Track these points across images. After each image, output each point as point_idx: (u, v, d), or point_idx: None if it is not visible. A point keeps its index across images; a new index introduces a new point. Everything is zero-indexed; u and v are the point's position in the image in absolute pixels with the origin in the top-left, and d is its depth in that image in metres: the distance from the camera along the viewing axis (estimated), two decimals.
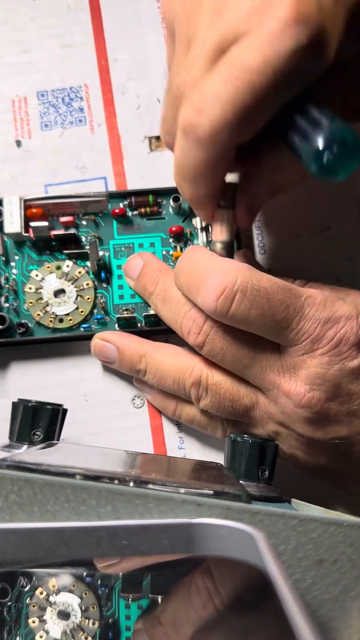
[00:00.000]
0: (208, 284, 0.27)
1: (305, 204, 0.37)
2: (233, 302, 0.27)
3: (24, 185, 0.37)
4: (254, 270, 0.28)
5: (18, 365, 0.36)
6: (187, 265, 0.30)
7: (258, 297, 0.27)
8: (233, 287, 0.27)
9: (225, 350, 0.29)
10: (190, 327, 0.30)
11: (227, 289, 0.27)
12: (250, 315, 0.27)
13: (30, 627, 0.20)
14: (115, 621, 0.20)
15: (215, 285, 0.27)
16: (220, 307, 0.27)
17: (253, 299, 0.27)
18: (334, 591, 0.19)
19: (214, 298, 0.27)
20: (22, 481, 0.20)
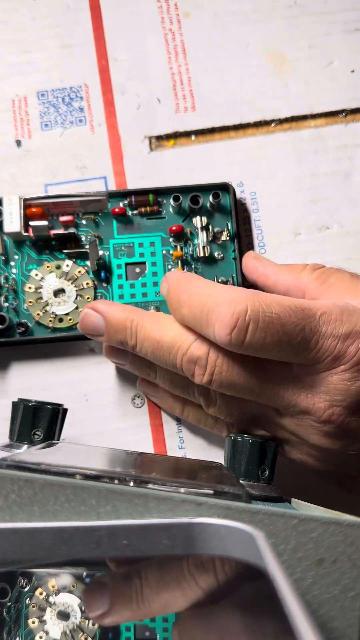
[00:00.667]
0: (218, 316, 0.26)
1: (305, 204, 0.37)
2: (247, 332, 0.26)
3: (24, 185, 0.37)
4: (261, 294, 0.27)
5: (18, 365, 0.36)
6: (189, 297, 0.28)
7: (271, 324, 0.26)
8: (245, 317, 0.26)
9: (235, 380, 0.28)
10: (193, 369, 0.29)
11: (239, 320, 0.26)
12: (266, 343, 0.26)
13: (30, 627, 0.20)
14: None
15: (226, 316, 0.26)
16: (235, 340, 0.26)
17: (266, 326, 0.26)
18: (334, 591, 0.19)
19: (227, 331, 0.26)
20: (22, 481, 0.20)
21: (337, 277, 0.30)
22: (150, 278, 0.35)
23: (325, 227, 0.37)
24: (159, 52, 0.38)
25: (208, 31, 0.38)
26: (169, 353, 0.29)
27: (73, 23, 0.38)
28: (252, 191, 0.37)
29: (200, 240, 0.35)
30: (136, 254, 0.35)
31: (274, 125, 0.37)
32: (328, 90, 0.38)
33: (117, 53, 0.38)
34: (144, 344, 0.30)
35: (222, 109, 0.37)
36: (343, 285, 0.30)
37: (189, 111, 0.38)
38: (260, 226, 0.37)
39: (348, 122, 0.37)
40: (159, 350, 0.29)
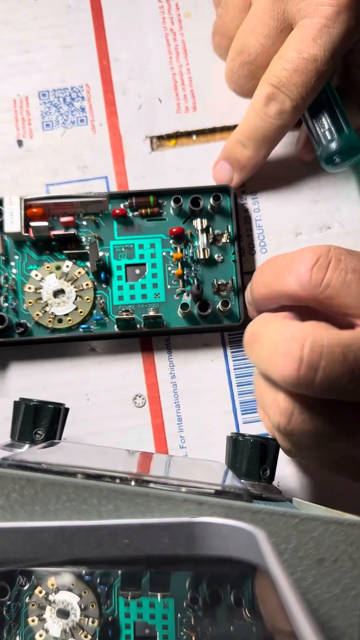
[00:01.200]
0: (279, 353, 0.24)
1: (306, 203, 0.37)
2: (327, 269, 0.25)
3: (25, 184, 0.37)
4: (322, 326, 0.25)
5: (18, 365, 0.36)
6: (265, 267, 0.29)
7: (336, 362, 0.23)
8: (326, 257, 0.26)
9: (313, 431, 0.25)
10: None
11: (320, 258, 0.26)
12: (346, 280, 0.25)
13: (29, 626, 0.20)
14: (114, 619, 0.20)
15: (306, 256, 0.26)
16: (315, 277, 0.25)
17: (347, 263, 0.25)
18: (335, 590, 0.19)
19: (308, 267, 0.26)
20: (23, 480, 0.20)
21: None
22: (150, 280, 0.35)
23: (326, 227, 0.37)
24: (160, 52, 0.38)
25: (209, 31, 0.38)
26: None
27: (74, 23, 0.38)
28: (252, 191, 0.37)
29: (200, 242, 0.35)
30: (136, 256, 0.35)
31: None
32: None
33: (118, 53, 0.38)
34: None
35: (223, 109, 0.37)
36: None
37: (190, 111, 0.38)
38: (261, 226, 0.37)
39: None
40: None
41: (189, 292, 0.35)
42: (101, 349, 0.36)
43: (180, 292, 0.35)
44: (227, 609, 0.20)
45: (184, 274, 0.35)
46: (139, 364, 0.36)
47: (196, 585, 0.21)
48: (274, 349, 0.25)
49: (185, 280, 0.35)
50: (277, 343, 0.25)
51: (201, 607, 0.20)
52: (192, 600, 0.20)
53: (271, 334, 0.26)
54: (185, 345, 0.36)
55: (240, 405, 0.35)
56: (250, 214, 0.37)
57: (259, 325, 0.28)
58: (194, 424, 0.35)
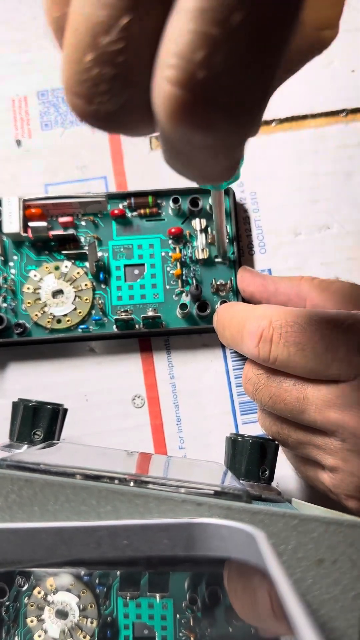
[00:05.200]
0: (247, 330, 0.27)
1: (305, 203, 0.37)
2: (272, 343, 0.26)
3: (24, 184, 0.37)
4: (286, 308, 0.27)
5: (17, 365, 0.36)
6: (229, 320, 0.30)
7: (292, 332, 0.26)
8: (269, 329, 0.26)
9: (275, 397, 0.28)
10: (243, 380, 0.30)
11: (264, 331, 0.26)
12: (291, 354, 0.26)
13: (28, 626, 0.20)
14: (113, 620, 0.20)
15: (252, 330, 0.27)
16: (262, 352, 0.27)
17: (288, 335, 0.26)
18: (334, 591, 0.19)
19: (254, 344, 0.27)
20: (22, 481, 0.20)
21: (338, 285, 0.30)
22: (149, 280, 0.35)
23: (325, 227, 0.37)
24: None
25: None
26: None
27: None
28: (252, 191, 0.37)
29: (199, 242, 0.35)
30: (135, 256, 0.35)
31: (274, 125, 0.37)
32: (328, 90, 0.38)
33: None
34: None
35: None
36: (345, 294, 0.30)
37: None
38: (261, 226, 0.37)
39: (348, 121, 0.37)
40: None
41: (188, 292, 0.35)
42: (100, 349, 0.36)
43: (179, 292, 0.35)
44: (225, 609, 0.20)
45: (182, 274, 0.35)
46: (138, 365, 0.36)
47: (195, 586, 0.21)
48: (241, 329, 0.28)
49: (184, 281, 0.35)
50: (247, 321, 0.28)
51: (200, 608, 0.20)
52: (191, 601, 0.20)
53: (242, 314, 0.29)
54: (185, 346, 0.36)
55: (239, 405, 0.35)
56: (250, 214, 0.37)
57: (232, 309, 0.31)
58: (193, 425, 0.35)
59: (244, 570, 0.18)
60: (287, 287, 0.32)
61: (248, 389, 0.30)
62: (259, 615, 0.18)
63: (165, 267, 0.35)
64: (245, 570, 0.18)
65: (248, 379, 0.29)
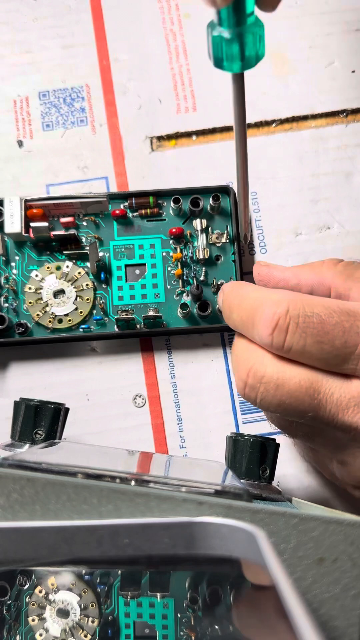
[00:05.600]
0: (261, 316, 0.26)
1: (306, 203, 0.37)
2: (287, 332, 0.25)
3: (25, 185, 0.37)
4: (305, 296, 0.26)
5: (18, 365, 0.36)
6: (238, 302, 0.28)
7: (311, 323, 0.25)
8: (286, 317, 0.25)
9: (283, 394, 0.26)
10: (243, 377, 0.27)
11: (280, 320, 0.25)
12: (307, 345, 0.25)
13: (30, 625, 0.20)
14: (114, 619, 0.20)
15: (268, 317, 0.26)
16: (277, 340, 0.25)
17: (307, 326, 0.25)
18: (335, 590, 0.19)
19: (269, 332, 0.25)
20: (24, 480, 0.20)
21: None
22: (150, 280, 0.35)
23: (326, 227, 0.37)
24: (160, 52, 0.38)
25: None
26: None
27: (74, 23, 0.38)
28: (252, 191, 0.37)
29: (200, 242, 0.35)
30: (136, 256, 0.35)
31: (274, 125, 0.38)
32: (328, 91, 0.38)
33: (119, 53, 0.38)
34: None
35: (223, 109, 0.37)
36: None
37: (190, 111, 0.38)
38: (261, 226, 0.37)
39: (349, 122, 0.37)
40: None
41: (188, 292, 0.35)
42: (101, 349, 0.36)
43: (180, 292, 0.35)
44: (226, 609, 0.20)
45: (183, 274, 0.35)
46: (138, 364, 0.36)
47: (196, 585, 0.21)
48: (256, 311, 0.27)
49: (185, 281, 0.35)
50: (261, 306, 0.26)
51: (201, 607, 0.20)
52: (192, 600, 0.20)
53: (254, 297, 0.27)
54: (185, 346, 0.36)
55: (240, 405, 0.35)
56: (250, 214, 0.37)
57: (242, 290, 0.29)
58: (194, 424, 0.35)
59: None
60: (309, 277, 0.30)
61: (252, 394, 0.27)
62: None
63: (166, 267, 0.35)
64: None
65: (257, 378, 0.26)
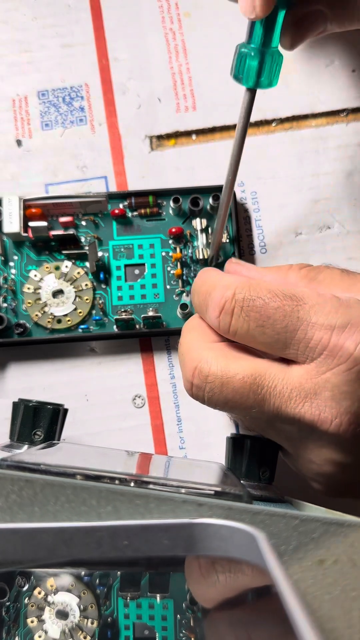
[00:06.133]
0: (212, 299, 0.27)
1: (306, 203, 0.37)
2: (232, 315, 0.26)
3: (24, 184, 0.37)
4: (254, 281, 0.26)
5: (17, 365, 0.36)
6: (200, 285, 0.29)
7: (255, 307, 0.25)
8: (232, 301, 0.26)
9: (228, 392, 0.26)
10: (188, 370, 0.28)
11: (226, 303, 0.26)
12: (250, 329, 0.25)
13: (29, 626, 0.20)
14: (114, 620, 0.20)
15: (216, 299, 0.26)
16: (223, 323, 0.26)
17: (250, 310, 0.25)
18: (335, 591, 0.19)
19: (216, 314, 0.26)
20: (22, 481, 0.19)
21: (327, 273, 0.28)
22: (150, 280, 0.35)
23: (326, 227, 0.37)
24: (159, 51, 0.38)
25: (209, 30, 0.38)
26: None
27: (74, 23, 0.38)
28: (252, 191, 0.37)
29: (199, 242, 0.35)
30: (135, 256, 0.35)
31: (274, 124, 0.37)
32: (329, 90, 0.38)
33: (118, 52, 0.38)
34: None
35: (223, 109, 0.37)
36: (333, 282, 0.28)
37: (189, 111, 0.37)
38: (261, 226, 0.37)
39: (349, 121, 0.37)
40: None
41: (188, 292, 0.35)
42: (100, 349, 0.36)
43: (179, 292, 0.35)
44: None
45: (183, 274, 0.35)
46: (138, 365, 0.36)
47: None
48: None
49: (185, 281, 0.35)
50: (213, 289, 0.27)
51: (200, 609, 0.20)
52: (192, 601, 0.20)
53: (211, 281, 0.28)
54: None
55: None
56: (250, 214, 0.37)
57: (206, 274, 0.30)
58: (194, 425, 0.35)
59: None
60: (274, 278, 0.30)
61: (199, 394, 0.27)
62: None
63: (165, 267, 0.35)
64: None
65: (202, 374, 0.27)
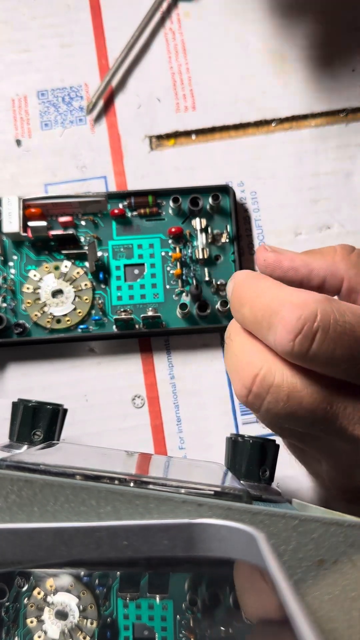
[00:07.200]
0: (282, 318, 0.23)
1: (306, 203, 0.37)
2: (314, 341, 0.22)
3: (24, 184, 0.37)
4: (335, 301, 0.23)
5: (17, 365, 0.36)
6: (253, 296, 0.25)
7: (344, 334, 0.22)
8: (313, 324, 0.22)
9: (293, 405, 0.23)
10: (245, 379, 0.24)
11: (306, 326, 0.22)
12: (335, 357, 0.22)
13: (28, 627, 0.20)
14: (113, 620, 0.20)
15: (291, 320, 0.22)
16: (299, 348, 0.22)
17: (338, 337, 0.22)
18: (335, 592, 0.19)
19: (290, 337, 0.22)
20: (22, 481, 0.19)
21: None
22: (149, 280, 0.35)
23: (326, 227, 0.37)
24: (159, 51, 0.38)
25: (208, 30, 0.38)
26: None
27: (73, 22, 0.38)
28: (252, 191, 0.37)
29: (199, 242, 0.35)
30: (135, 256, 0.35)
31: (274, 124, 0.37)
32: (328, 90, 0.38)
33: (118, 52, 0.38)
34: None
35: (223, 109, 0.37)
36: None
37: (189, 110, 0.37)
38: (261, 226, 0.37)
39: (348, 121, 0.37)
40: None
41: (188, 292, 0.35)
42: (100, 349, 0.36)
43: (179, 292, 0.35)
44: (226, 610, 0.20)
45: (182, 274, 0.35)
46: (137, 365, 0.36)
47: (195, 586, 0.21)
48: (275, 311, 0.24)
49: (184, 280, 0.35)
50: (282, 306, 0.23)
51: (200, 609, 0.20)
52: (191, 602, 0.20)
53: (273, 293, 0.24)
54: (185, 346, 0.36)
55: (239, 406, 0.35)
56: (250, 214, 0.37)
57: (258, 282, 0.26)
58: (193, 425, 0.35)
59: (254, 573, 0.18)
60: (322, 267, 0.27)
61: (256, 403, 0.24)
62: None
63: (165, 267, 0.35)
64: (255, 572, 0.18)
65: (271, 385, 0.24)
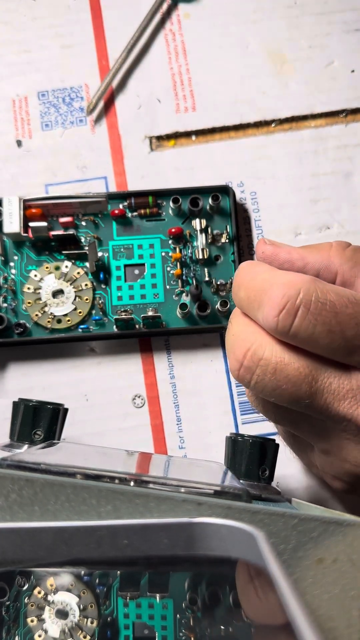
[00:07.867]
0: (269, 297, 0.24)
1: (305, 203, 0.37)
2: (296, 317, 0.24)
3: (24, 184, 0.37)
4: (319, 282, 0.25)
5: (17, 365, 0.36)
6: (248, 280, 0.27)
7: (324, 311, 0.24)
8: (295, 301, 0.24)
9: (280, 379, 0.25)
10: (237, 353, 0.26)
11: (289, 303, 0.24)
12: (316, 332, 0.24)
13: (28, 626, 0.20)
14: (113, 620, 0.20)
15: (276, 298, 0.24)
16: (282, 324, 0.24)
17: (318, 313, 0.24)
18: (334, 590, 0.19)
19: (274, 313, 0.24)
20: (22, 481, 0.19)
21: None
22: (149, 280, 0.35)
23: (325, 227, 0.37)
24: (159, 52, 0.38)
25: (208, 31, 0.38)
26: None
27: (73, 23, 0.38)
28: (252, 191, 0.37)
29: (199, 242, 0.35)
30: (135, 256, 0.35)
31: (274, 125, 0.37)
32: (328, 90, 0.38)
33: (118, 53, 0.38)
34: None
35: (223, 109, 0.37)
36: None
37: (189, 111, 0.38)
38: (261, 226, 0.37)
39: (348, 122, 0.37)
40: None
41: (188, 292, 0.35)
42: (100, 349, 0.36)
43: (179, 292, 0.35)
44: (226, 609, 0.20)
45: (183, 274, 0.35)
46: (138, 365, 0.36)
47: (195, 585, 0.21)
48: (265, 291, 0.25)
49: (184, 281, 0.35)
50: (271, 286, 0.25)
51: (200, 608, 0.20)
52: (191, 601, 0.20)
53: (265, 276, 0.26)
54: (185, 346, 0.36)
55: (239, 405, 0.35)
56: (250, 214, 0.37)
57: (255, 268, 0.28)
58: (193, 425, 0.35)
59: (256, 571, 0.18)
60: (317, 260, 0.28)
61: (247, 376, 0.26)
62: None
63: (165, 267, 0.35)
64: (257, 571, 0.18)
65: (259, 358, 0.25)
